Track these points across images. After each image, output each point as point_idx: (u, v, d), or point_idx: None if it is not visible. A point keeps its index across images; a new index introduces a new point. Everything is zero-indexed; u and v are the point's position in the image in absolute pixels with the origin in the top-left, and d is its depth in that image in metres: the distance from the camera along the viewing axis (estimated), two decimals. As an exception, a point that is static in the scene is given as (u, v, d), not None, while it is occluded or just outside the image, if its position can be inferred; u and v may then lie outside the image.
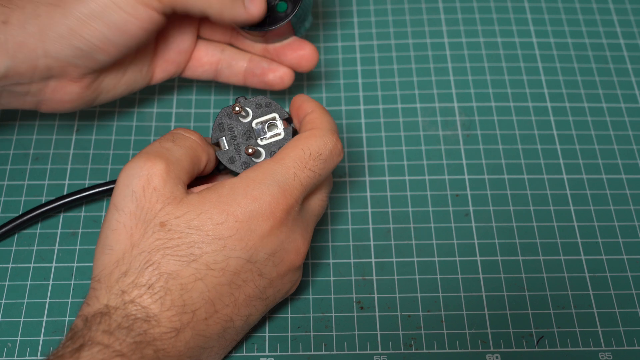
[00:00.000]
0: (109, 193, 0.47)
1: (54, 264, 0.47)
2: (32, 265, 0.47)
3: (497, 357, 0.44)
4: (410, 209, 0.50)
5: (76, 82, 0.45)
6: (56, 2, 0.42)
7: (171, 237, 0.39)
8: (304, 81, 0.55)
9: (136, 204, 0.39)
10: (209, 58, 0.50)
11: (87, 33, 0.42)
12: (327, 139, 0.42)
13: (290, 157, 0.41)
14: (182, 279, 0.38)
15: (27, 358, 0.44)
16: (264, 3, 0.46)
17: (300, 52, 0.49)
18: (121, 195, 0.40)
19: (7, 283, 0.46)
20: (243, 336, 0.44)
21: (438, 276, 0.47)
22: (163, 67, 0.50)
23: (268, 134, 0.44)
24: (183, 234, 0.39)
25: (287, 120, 0.44)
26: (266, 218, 0.40)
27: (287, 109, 0.48)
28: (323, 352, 0.44)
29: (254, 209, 0.40)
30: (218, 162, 0.44)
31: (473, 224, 0.49)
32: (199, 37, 0.50)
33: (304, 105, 0.44)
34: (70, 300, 0.46)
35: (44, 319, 0.45)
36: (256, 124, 0.44)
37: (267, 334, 0.45)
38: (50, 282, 0.47)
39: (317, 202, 0.44)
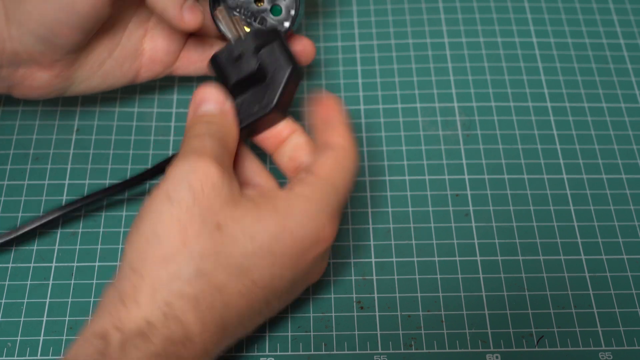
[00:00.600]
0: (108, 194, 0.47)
1: (54, 264, 0.47)
2: (32, 265, 0.47)
3: (497, 357, 0.44)
4: (410, 209, 0.50)
5: (46, 70, 0.45)
6: None
7: (224, 242, 0.37)
8: (304, 81, 0.55)
9: (193, 199, 0.37)
10: (199, 56, 0.49)
11: (40, 16, 0.42)
12: (357, 155, 0.42)
13: (341, 183, 0.40)
14: (227, 295, 0.36)
15: (27, 358, 0.44)
16: (201, 15, 0.43)
17: (297, 48, 0.47)
18: (176, 188, 0.37)
19: (7, 283, 0.46)
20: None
21: (438, 276, 0.47)
22: (149, 66, 0.49)
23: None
24: (238, 241, 0.37)
25: None
26: (319, 241, 0.39)
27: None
28: (323, 352, 0.44)
29: (311, 230, 0.38)
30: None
31: (473, 224, 0.49)
32: (191, 34, 0.49)
33: (336, 110, 0.42)
34: (70, 300, 0.46)
35: (44, 318, 0.45)
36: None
37: (267, 334, 0.45)
38: (50, 282, 0.47)
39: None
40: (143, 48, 0.48)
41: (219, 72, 0.44)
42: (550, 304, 0.46)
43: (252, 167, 0.43)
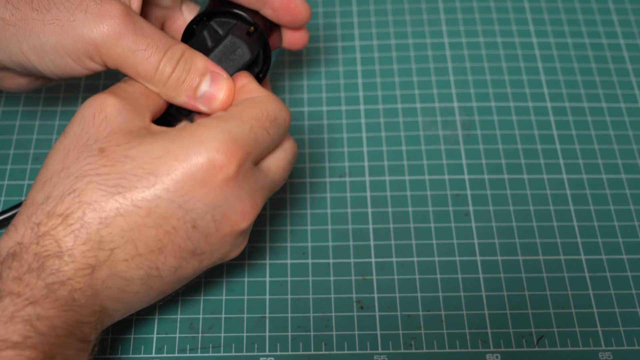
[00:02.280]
0: None
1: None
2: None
3: (497, 357, 0.44)
4: (410, 209, 0.50)
5: (23, 77, 0.45)
6: (13, 21, 0.40)
7: (104, 164, 0.37)
8: (303, 81, 0.55)
9: (82, 128, 0.38)
10: None
11: (32, 59, 0.41)
12: (282, 105, 0.40)
13: (248, 114, 0.39)
14: (102, 212, 0.36)
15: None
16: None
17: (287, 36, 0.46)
18: (71, 122, 0.39)
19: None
20: (175, 291, 0.42)
21: (438, 276, 0.47)
22: None
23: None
24: (118, 162, 0.37)
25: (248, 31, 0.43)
26: (211, 166, 0.37)
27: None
28: (323, 352, 0.44)
29: (198, 152, 0.37)
30: None
31: (473, 224, 0.49)
32: None
33: (241, 78, 0.42)
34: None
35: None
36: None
37: (267, 334, 0.45)
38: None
39: (277, 167, 0.41)
40: None
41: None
42: (550, 304, 0.46)
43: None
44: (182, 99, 0.41)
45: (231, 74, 0.42)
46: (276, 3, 0.45)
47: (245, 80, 0.42)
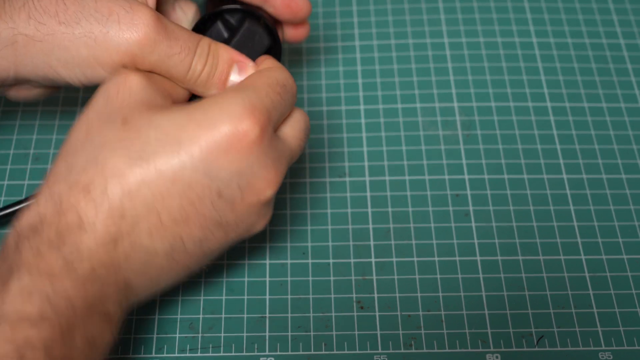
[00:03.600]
0: None
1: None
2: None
3: (497, 357, 0.44)
4: (410, 209, 0.50)
5: (40, 87, 0.45)
6: (39, 37, 0.40)
7: (129, 134, 0.36)
8: (303, 81, 0.55)
9: (105, 102, 0.38)
10: None
11: (61, 72, 0.41)
12: (288, 74, 0.41)
13: (261, 82, 0.39)
14: (125, 181, 0.36)
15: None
16: None
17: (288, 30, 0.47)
18: (94, 97, 0.38)
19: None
20: (201, 266, 0.41)
21: (438, 276, 0.47)
22: None
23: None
24: (141, 129, 0.36)
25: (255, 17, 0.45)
26: (235, 132, 0.37)
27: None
28: (323, 352, 0.44)
29: (222, 120, 0.37)
30: None
31: (473, 224, 0.49)
32: None
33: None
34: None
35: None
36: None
37: (267, 334, 0.45)
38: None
39: (293, 136, 0.41)
40: None
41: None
42: (550, 304, 0.46)
43: None
44: (212, 91, 0.41)
45: (253, 60, 0.43)
46: (277, 2, 0.45)
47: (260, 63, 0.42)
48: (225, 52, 0.42)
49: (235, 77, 0.42)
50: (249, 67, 0.42)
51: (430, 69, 0.56)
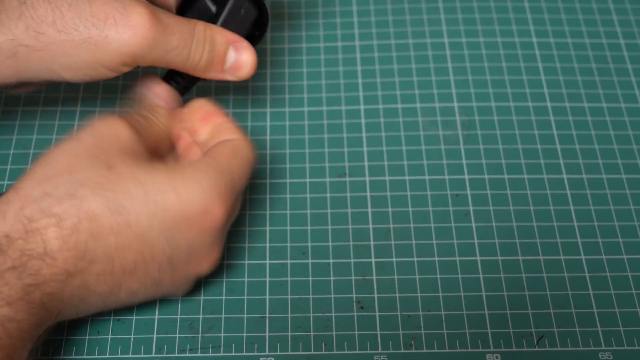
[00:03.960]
0: None
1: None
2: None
3: (497, 357, 0.44)
4: (410, 209, 0.50)
5: (38, 84, 0.46)
6: (39, 46, 0.41)
7: (111, 180, 0.37)
8: (303, 81, 0.55)
9: (95, 140, 0.39)
10: None
11: (64, 75, 0.42)
12: (253, 148, 0.43)
13: (236, 165, 0.41)
14: (97, 225, 0.37)
15: (27, 358, 0.44)
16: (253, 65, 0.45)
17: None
18: (84, 131, 0.39)
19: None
20: (116, 308, 0.43)
21: (438, 276, 0.47)
22: None
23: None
24: (125, 182, 0.38)
25: None
26: (205, 211, 0.39)
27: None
28: (323, 352, 0.44)
29: (198, 198, 0.39)
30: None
31: (473, 224, 0.49)
32: None
33: (214, 111, 0.44)
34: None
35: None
36: None
37: (267, 334, 0.45)
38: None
39: (237, 209, 0.44)
40: None
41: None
42: (550, 304, 0.46)
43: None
44: (211, 75, 0.44)
45: (244, 34, 0.45)
46: None
47: (221, 120, 0.44)
48: (221, 36, 0.44)
49: (231, 60, 0.44)
50: (245, 47, 0.44)
51: (430, 69, 0.56)
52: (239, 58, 0.44)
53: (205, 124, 0.44)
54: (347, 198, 0.50)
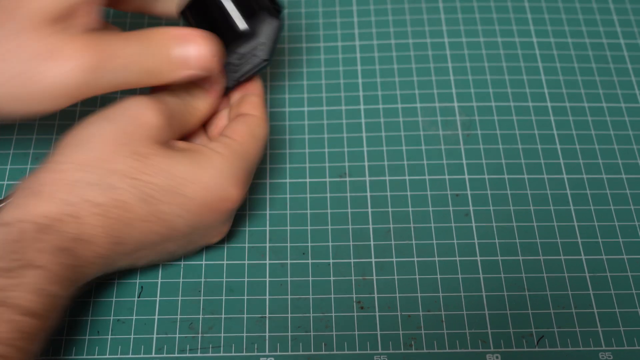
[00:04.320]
0: None
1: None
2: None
3: (497, 357, 0.44)
4: (410, 209, 0.50)
5: None
6: None
7: (146, 171, 0.40)
8: (303, 81, 0.55)
9: (131, 126, 0.40)
10: None
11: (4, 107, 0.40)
12: (268, 132, 0.45)
13: (254, 148, 0.44)
14: (130, 214, 0.40)
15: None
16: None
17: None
18: (117, 113, 0.41)
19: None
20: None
21: (438, 276, 0.47)
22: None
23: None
24: (157, 174, 0.40)
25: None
26: (224, 197, 0.42)
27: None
28: (323, 352, 0.44)
29: (219, 186, 0.42)
30: None
31: (473, 224, 0.49)
32: None
33: (254, 86, 0.47)
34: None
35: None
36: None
37: (267, 334, 0.45)
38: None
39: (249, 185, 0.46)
40: None
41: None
42: (550, 304, 0.46)
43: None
44: (170, 79, 0.41)
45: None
46: None
47: (252, 90, 0.47)
48: (158, 33, 0.41)
49: (179, 52, 0.41)
50: (191, 35, 0.41)
51: (430, 68, 0.56)
52: (184, 54, 0.41)
53: (240, 91, 0.47)
54: (347, 198, 0.50)
